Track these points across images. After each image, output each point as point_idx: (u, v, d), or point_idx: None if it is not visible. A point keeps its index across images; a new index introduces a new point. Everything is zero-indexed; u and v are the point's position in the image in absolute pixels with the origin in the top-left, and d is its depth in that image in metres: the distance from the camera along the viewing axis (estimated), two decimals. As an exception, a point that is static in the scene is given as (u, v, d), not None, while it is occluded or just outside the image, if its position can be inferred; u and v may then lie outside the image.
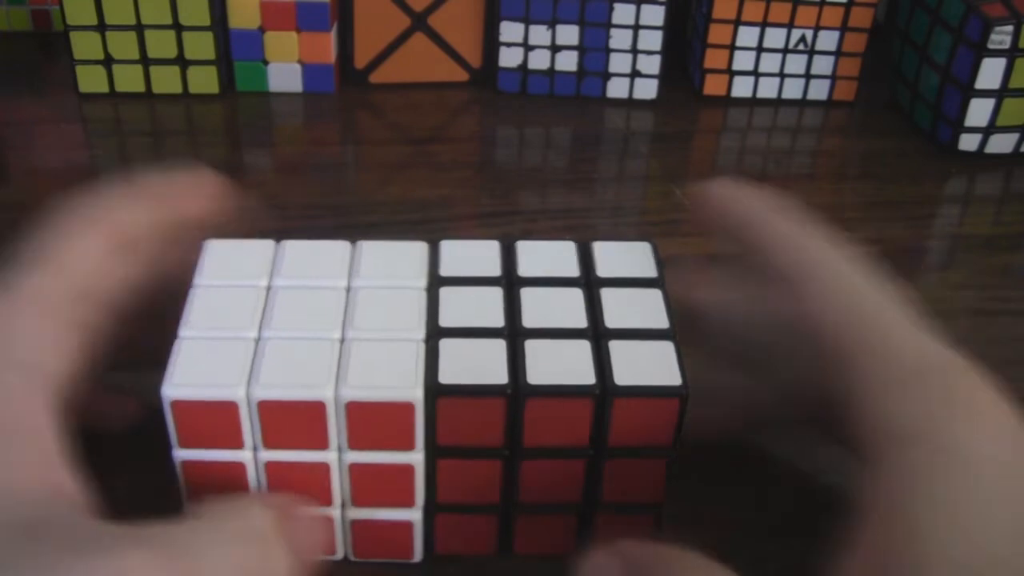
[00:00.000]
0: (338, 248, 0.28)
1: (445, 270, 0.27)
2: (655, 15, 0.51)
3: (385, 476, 0.25)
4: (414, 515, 0.26)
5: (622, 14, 0.51)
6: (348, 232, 0.30)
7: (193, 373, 0.24)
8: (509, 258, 0.28)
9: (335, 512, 0.26)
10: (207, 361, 0.24)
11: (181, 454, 0.25)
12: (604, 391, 0.24)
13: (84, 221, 0.27)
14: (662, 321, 0.26)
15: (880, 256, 0.43)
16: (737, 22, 0.52)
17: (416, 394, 0.24)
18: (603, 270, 0.27)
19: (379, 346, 0.25)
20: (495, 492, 0.26)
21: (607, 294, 0.27)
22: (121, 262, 0.27)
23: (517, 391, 0.24)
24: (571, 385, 0.24)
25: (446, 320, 0.25)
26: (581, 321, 0.26)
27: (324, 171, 0.47)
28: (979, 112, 0.48)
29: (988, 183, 0.49)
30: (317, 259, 0.28)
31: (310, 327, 0.25)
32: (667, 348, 0.25)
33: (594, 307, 0.26)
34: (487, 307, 0.26)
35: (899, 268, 0.42)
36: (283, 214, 0.43)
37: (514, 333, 0.25)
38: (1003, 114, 0.48)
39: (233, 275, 0.27)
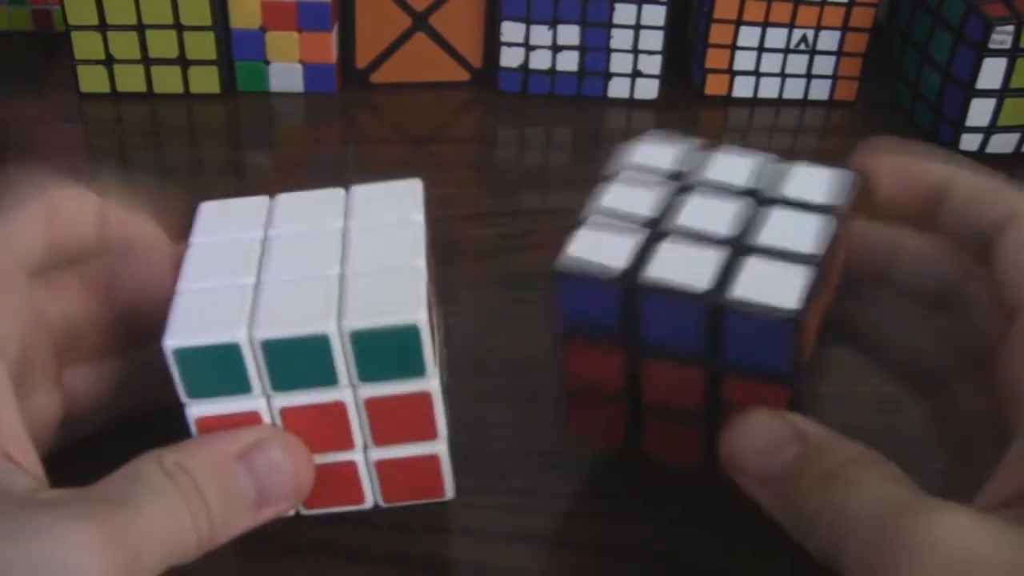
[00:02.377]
0: (331, 195, 0.28)
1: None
2: (656, 15, 0.51)
3: (404, 408, 0.25)
4: (439, 447, 0.26)
5: (623, 14, 0.51)
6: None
7: (193, 322, 0.24)
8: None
9: (358, 456, 0.26)
10: (207, 310, 0.24)
11: (193, 410, 0.24)
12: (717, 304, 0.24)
13: (24, 200, 0.26)
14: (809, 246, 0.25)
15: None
16: (738, 22, 0.52)
17: (420, 316, 0.24)
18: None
19: (378, 279, 0.25)
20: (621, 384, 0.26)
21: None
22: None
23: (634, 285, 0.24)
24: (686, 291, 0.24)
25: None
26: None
27: (325, 171, 0.47)
28: (980, 112, 0.48)
29: (989, 183, 0.49)
30: (311, 207, 0.28)
31: (307, 268, 0.25)
32: (800, 272, 0.24)
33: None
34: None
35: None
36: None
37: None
38: (1004, 114, 0.48)
39: (227, 230, 0.27)
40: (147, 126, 0.50)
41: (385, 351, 0.24)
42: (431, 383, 0.25)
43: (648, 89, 0.53)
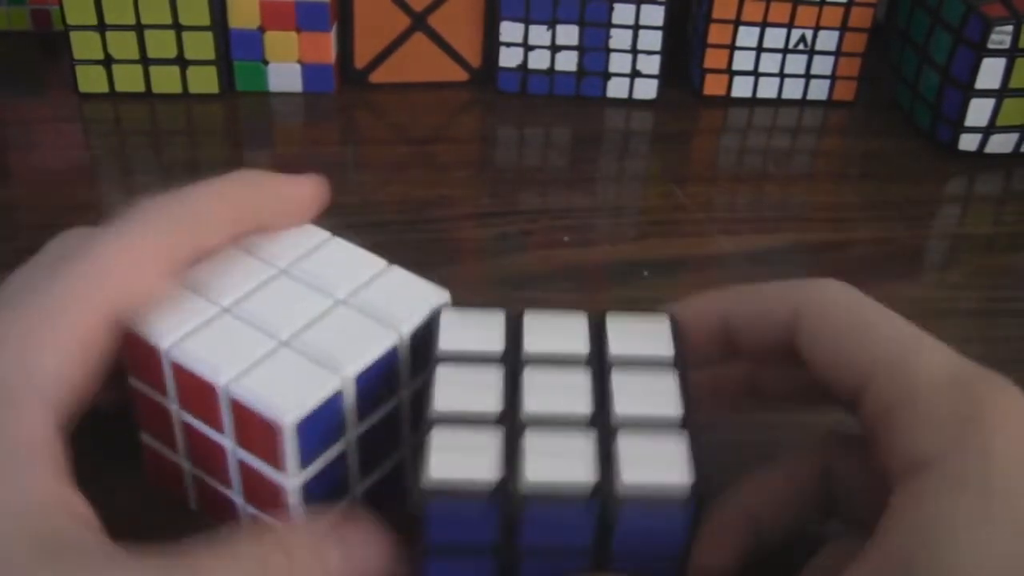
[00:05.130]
0: (371, 261, 0.28)
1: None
2: (655, 15, 0.51)
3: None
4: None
5: (622, 14, 0.51)
6: (348, 232, 0.30)
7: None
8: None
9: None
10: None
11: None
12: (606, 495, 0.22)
13: (152, 245, 0.26)
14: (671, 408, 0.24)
15: (880, 256, 0.44)
16: (737, 22, 0.52)
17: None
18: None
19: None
20: None
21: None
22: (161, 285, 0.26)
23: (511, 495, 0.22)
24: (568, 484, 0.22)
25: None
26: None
27: (324, 171, 0.47)
28: (979, 112, 0.48)
29: (988, 183, 0.49)
30: (342, 264, 0.28)
31: (273, 318, 0.26)
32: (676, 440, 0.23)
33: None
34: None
35: (899, 268, 0.43)
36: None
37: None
38: (1003, 114, 0.48)
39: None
40: (146, 126, 0.50)
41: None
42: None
43: (647, 89, 0.53)
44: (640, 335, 0.26)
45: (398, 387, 0.27)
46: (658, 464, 0.22)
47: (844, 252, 0.43)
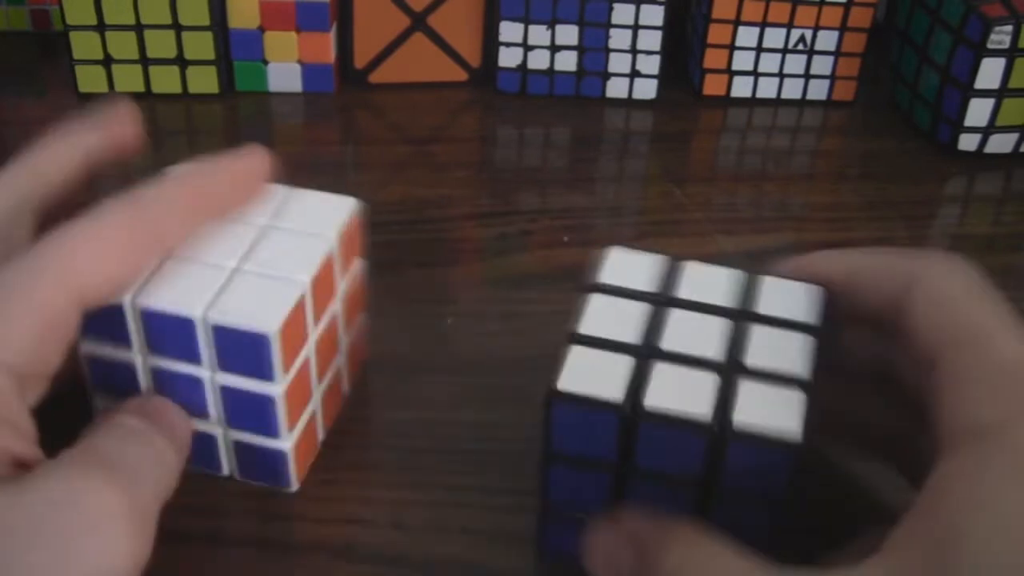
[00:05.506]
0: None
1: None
2: (654, 15, 0.51)
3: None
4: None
5: (621, 14, 0.51)
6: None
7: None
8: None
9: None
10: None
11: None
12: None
13: (115, 233, 0.27)
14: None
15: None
16: (736, 22, 0.52)
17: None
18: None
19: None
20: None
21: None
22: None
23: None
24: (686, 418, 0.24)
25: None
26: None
27: (324, 171, 0.47)
28: (979, 112, 0.48)
29: (988, 183, 0.49)
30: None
31: (215, 255, 0.28)
32: (795, 397, 0.24)
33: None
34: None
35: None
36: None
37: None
38: (1003, 114, 0.48)
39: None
40: (145, 126, 0.50)
41: None
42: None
43: (646, 89, 0.53)
44: (791, 299, 0.27)
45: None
46: (773, 412, 0.23)
47: (844, 252, 0.43)
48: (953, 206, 0.48)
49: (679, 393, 0.24)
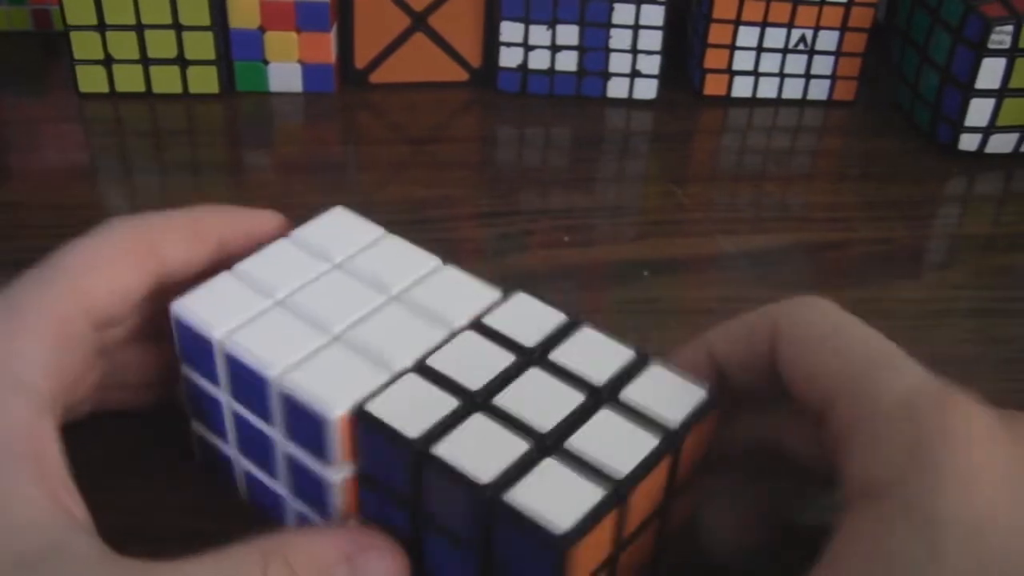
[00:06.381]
0: (424, 258, 0.28)
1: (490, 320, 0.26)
2: (655, 15, 0.51)
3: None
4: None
5: (622, 14, 0.51)
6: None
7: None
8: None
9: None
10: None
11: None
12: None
13: (118, 248, 0.27)
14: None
15: (880, 256, 0.44)
16: (737, 22, 0.52)
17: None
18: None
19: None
20: None
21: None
22: (147, 289, 0.27)
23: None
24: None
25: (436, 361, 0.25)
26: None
27: (324, 171, 0.47)
28: (979, 112, 0.48)
29: (988, 183, 0.49)
30: (396, 261, 0.28)
31: (326, 312, 0.26)
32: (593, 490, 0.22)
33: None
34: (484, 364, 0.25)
35: (899, 268, 0.43)
36: (283, 214, 0.43)
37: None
38: (1003, 114, 0.48)
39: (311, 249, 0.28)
40: (146, 126, 0.50)
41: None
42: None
43: (647, 89, 0.53)
44: (665, 391, 0.25)
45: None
46: (555, 498, 0.22)
47: (844, 252, 0.43)
48: (953, 206, 0.48)
49: (476, 449, 0.23)
